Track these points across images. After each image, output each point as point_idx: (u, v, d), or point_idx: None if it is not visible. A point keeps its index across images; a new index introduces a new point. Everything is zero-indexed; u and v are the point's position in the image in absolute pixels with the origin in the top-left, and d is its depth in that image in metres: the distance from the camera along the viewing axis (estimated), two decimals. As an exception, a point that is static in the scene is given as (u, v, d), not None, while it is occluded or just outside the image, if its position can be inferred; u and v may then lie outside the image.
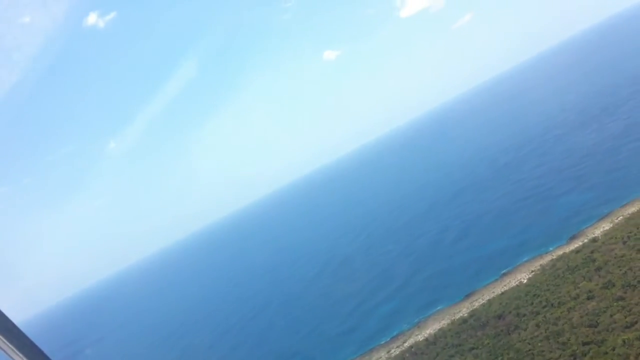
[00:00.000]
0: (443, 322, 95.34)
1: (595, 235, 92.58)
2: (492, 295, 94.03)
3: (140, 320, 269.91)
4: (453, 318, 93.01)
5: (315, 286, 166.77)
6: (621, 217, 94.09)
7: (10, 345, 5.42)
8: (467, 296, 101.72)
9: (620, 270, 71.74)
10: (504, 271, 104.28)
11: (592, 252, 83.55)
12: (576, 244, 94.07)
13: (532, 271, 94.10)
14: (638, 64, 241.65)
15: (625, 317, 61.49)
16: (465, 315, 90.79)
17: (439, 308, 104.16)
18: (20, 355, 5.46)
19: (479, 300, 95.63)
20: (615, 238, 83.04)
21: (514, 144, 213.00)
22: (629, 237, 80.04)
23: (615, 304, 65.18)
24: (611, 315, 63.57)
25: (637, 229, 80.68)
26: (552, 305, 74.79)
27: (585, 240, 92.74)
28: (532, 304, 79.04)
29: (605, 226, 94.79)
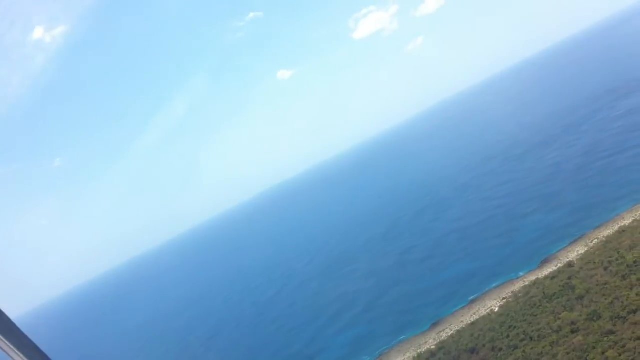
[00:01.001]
0: (408, 354, 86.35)
1: (570, 259, 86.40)
2: (461, 324, 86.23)
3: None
4: (419, 350, 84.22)
5: (272, 310, 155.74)
6: (596, 240, 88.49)
7: (10, 345, 5.36)
8: (434, 325, 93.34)
9: (606, 299, 65.21)
10: (471, 297, 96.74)
11: (569, 278, 77.03)
12: (549, 269, 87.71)
13: (504, 298, 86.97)
14: (592, 83, 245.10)
15: (620, 355, 53.98)
16: (433, 347, 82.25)
17: (402, 338, 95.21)
18: (20, 355, 5.40)
19: (447, 330, 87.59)
20: (594, 263, 76.99)
21: (473, 163, 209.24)
22: (609, 262, 73.99)
23: (605, 338, 57.96)
24: (603, 352, 55.75)
25: (618, 253, 74.84)
26: (531, 338, 67.27)
27: (560, 265, 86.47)
28: (508, 336, 71.41)
29: (580, 250, 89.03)
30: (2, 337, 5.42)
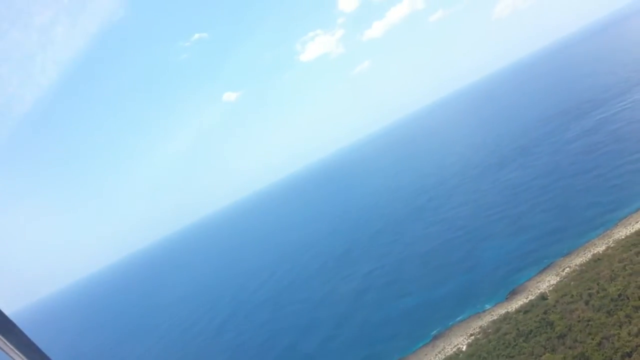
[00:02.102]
0: (367, 400, 77.68)
1: (542, 290, 79.47)
2: (426, 365, 78.08)
3: None
4: (380, 397, 75.63)
5: (218, 342, 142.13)
6: (568, 269, 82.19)
7: (10, 345, 5.32)
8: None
9: (593, 339, 57.95)
10: (434, 332, 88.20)
11: (545, 313, 69.84)
12: (520, 301, 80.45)
13: (471, 335, 78.69)
14: (544, 104, 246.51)
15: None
16: (396, 393, 73.73)
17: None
18: (20, 354, 5.35)
19: (411, 371, 79.24)
20: (572, 296, 70.20)
21: (428, 184, 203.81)
22: (590, 295, 67.33)
23: (599, 390, 50.90)
24: (598, 409, 48.90)
25: (598, 285, 68.40)
26: (510, 386, 59.63)
27: (531, 297, 79.40)
28: (482, 383, 63.62)
29: (551, 279, 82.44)
30: (1, 337, 5.19)
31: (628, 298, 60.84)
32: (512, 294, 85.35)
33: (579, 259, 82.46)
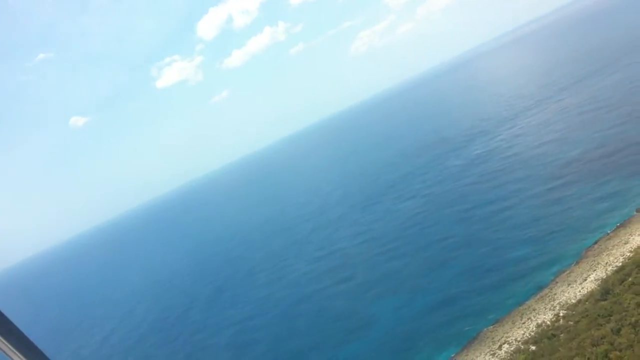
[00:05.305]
0: None
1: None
2: None
3: None
4: None
5: None
6: (507, 346, 57.16)
7: (9, 345, 5.12)
8: None
9: None
10: None
11: None
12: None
13: None
14: (419, 134, 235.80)
15: None
16: None
17: None
18: (19, 355, 5.17)
19: None
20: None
21: (306, 215, 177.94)
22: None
23: None
24: None
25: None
26: None
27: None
28: None
29: (486, 361, 59.35)
30: (1, 338, 5.01)
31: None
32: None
33: (519, 331, 59.93)
